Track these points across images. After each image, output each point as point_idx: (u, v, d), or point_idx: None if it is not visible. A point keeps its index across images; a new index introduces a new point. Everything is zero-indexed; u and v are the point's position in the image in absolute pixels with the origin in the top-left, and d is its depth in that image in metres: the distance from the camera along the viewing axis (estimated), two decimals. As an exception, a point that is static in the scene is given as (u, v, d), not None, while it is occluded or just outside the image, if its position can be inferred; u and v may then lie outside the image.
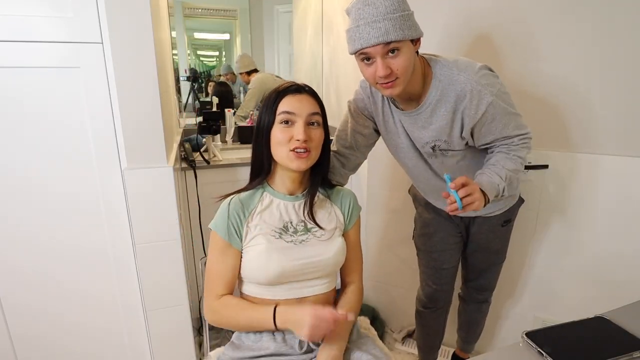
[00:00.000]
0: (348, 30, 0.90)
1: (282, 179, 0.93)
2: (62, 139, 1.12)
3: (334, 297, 1.00)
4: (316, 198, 0.96)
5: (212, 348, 1.10)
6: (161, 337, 1.35)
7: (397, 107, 1.06)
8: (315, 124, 0.88)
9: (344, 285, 1.03)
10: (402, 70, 0.89)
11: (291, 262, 0.87)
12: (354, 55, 0.93)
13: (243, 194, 0.92)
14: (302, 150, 0.85)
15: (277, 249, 0.86)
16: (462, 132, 1.01)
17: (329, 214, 0.96)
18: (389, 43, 0.85)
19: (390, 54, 0.87)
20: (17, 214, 1.14)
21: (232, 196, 0.92)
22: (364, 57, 0.90)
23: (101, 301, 1.29)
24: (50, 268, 1.21)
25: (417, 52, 0.95)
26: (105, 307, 1.30)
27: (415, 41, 0.92)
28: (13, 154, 1.09)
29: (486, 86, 0.94)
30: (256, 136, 0.91)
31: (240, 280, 0.94)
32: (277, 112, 0.86)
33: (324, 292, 0.94)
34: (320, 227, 0.92)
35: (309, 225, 0.92)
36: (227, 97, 2.44)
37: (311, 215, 0.92)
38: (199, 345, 1.63)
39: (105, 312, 1.30)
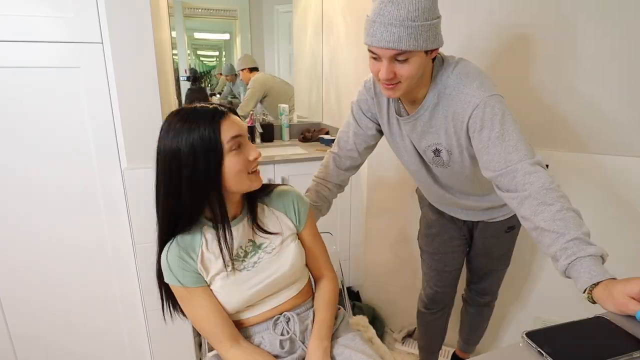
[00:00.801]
0: (366, 20, 0.85)
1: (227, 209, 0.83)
2: (62, 139, 1.12)
3: (311, 289, 0.98)
4: (260, 211, 0.90)
5: (211, 348, 1.09)
6: (161, 337, 1.35)
7: (398, 114, 1.03)
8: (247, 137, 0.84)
9: (316, 279, 0.99)
10: (406, 77, 0.86)
11: (250, 290, 0.83)
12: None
13: (179, 237, 0.82)
14: (257, 168, 0.82)
15: (232, 283, 0.82)
16: (459, 141, 0.95)
17: (273, 222, 0.90)
18: (398, 51, 0.81)
19: (398, 59, 0.84)
20: (17, 214, 1.14)
21: (168, 245, 0.81)
22: (372, 54, 0.86)
23: (101, 301, 1.29)
24: (50, 268, 1.21)
25: (433, 58, 0.91)
26: (106, 307, 1.30)
27: (431, 51, 0.87)
28: (13, 154, 1.09)
29: (476, 89, 0.87)
30: (192, 185, 0.75)
31: None
32: (224, 141, 0.75)
33: (296, 294, 0.91)
34: (272, 233, 0.87)
35: (258, 242, 0.86)
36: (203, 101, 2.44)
37: (260, 229, 0.87)
38: (199, 345, 1.63)
39: (105, 312, 1.30)
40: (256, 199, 0.89)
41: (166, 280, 0.81)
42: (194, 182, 0.75)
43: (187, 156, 0.74)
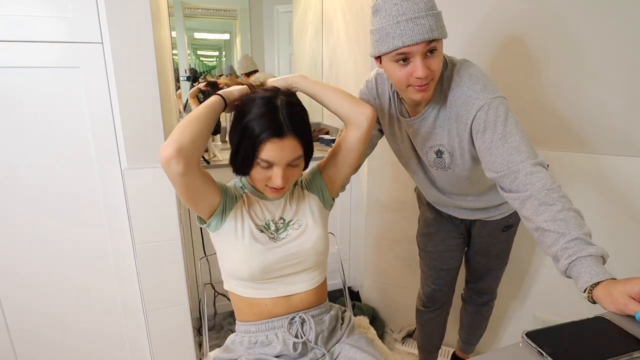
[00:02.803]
0: (380, 29, 0.82)
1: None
2: (62, 139, 1.12)
3: (326, 292, 0.99)
4: (295, 191, 0.96)
5: (211, 348, 1.10)
6: (161, 337, 1.35)
7: (402, 116, 1.03)
8: (296, 163, 0.85)
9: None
10: (437, 71, 0.86)
11: (273, 257, 0.86)
12: (380, 57, 0.87)
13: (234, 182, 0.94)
14: (278, 189, 0.84)
15: (259, 243, 0.86)
16: (462, 143, 0.95)
17: (304, 206, 0.94)
18: (431, 41, 0.80)
19: (429, 53, 0.83)
20: (17, 214, 1.14)
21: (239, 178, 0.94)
22: (401, 57, 0.83)
23: (101, 301, 1.29)
24: (50, 268, 1.21)
25: None
26: (106, 307, 1.30)
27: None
28: (13, 154, 1.09)
29: (480, 92, 0.88)
30: (236, 152, 0.84)
31: (225, 275, 0.93)
32: (257, 156, 0.80)
33: (312, 288, 0.92)
34: (298, 219, 0.93)
35: (287, 220, 0.92)
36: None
37: (295, 208, 0.93)
38: (199, 345, 1.63)
39: (105, 312, 1.30)
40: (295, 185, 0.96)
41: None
42: (236, 150, 0.83)
43: (239, 136, 0.81)
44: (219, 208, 0.86)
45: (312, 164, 0.97)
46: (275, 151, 0.79)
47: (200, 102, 1.89)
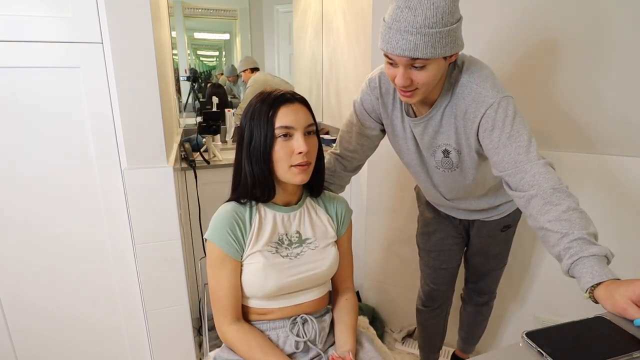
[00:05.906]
0: (383, 24, 0.82)
1: (279, 193, 0.90)
2: (62, 139, 1.12)
3: (328, 298, 1.01)
4: (311, 207, 0.96)
5: (212, 348, 1.10)
6: (161, 337, 1.35)
7: (408, 115, 1.02)
8: (312, 133, 0.87)
9: (338, 291, 1.02)
10: (423, 84, 0.84)
11: (288, 279, 0.86)
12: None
13: (238, 205, 0.89)
14: (303, 164, 0.83)
15: (273, 266, 0.85)
16: (469, 141, 0.95)
17: (323, 223, 0.95)
18: (416, 58, 0.79)
19: (415, 66, 0.82)
20: (17, 215, 1.14)
21: (227, 204, 0.89)
22: (389, 59, 0.84)
23: (101, 301, 1.29)
24: (50, 268, 1.21)
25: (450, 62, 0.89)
26: (105, 308, 1.30)
27: (450, 56, 0.84)
28: (13, 155, 1.09)
29: (490, 90, 0.87)
30: (251, 155, 0.83)
31: None
32: (275, 126, 0.81)
33: (318, 297, 0.94)
34: (316, 239, 0.92)
35: (304, 237, 0.91)
36: (221, 99, 2.44)
37: (311, 225, 0.93)
38: (199, 345, 1.63)
39: (105, 312, 1.30)
40: (319, 193, 0.97)
41: (208, 236, 0.86)
42: (250, 156, 0.83)
43: (249, 132, 0.83)
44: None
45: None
46: (289, 114, 0.82)
47: (202, 128, 1.88)
